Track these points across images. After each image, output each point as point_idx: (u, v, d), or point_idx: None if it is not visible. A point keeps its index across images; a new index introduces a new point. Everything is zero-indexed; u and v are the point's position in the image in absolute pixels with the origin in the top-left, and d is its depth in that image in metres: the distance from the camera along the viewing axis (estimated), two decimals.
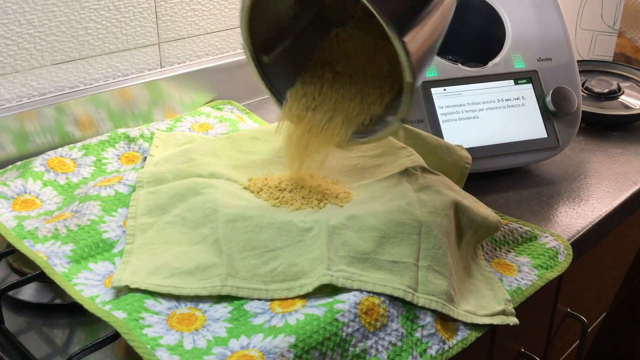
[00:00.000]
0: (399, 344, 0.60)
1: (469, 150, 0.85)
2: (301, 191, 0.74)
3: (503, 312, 0.65)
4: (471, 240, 0.72)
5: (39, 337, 0.61)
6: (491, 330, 0.66)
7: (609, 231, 0.87)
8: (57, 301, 0.65)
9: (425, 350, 0.60)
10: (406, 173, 0.76)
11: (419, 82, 0.66)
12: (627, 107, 1.09)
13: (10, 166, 0.82)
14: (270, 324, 0.58)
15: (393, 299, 0.61)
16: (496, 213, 0.76)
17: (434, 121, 0.87)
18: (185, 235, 0.68)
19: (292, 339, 0.55)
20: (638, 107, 1.09)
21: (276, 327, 0.57)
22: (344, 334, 0.57)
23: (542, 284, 0.71)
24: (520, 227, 0.78)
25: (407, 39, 0.62)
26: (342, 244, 0.65)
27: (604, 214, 0.84)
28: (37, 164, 0.81)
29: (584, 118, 0.97)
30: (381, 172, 0.80)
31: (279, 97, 0.75)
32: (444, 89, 0.89)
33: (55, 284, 0.63)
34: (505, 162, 0.90)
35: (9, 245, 0.68)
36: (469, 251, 0.71)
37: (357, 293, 0.60)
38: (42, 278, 0.64)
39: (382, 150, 0.83)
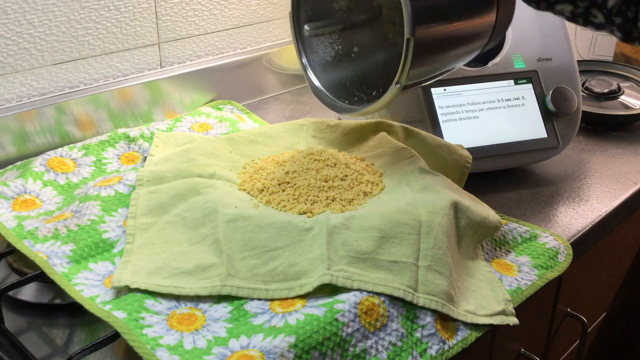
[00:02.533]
0: (399, 344, 0.60)
1: (469, 150, 0.85)
2: (303, 189, 0.74)
3: (503, 312, 0.65)
4: (471, 240, 0.72)
5: (39, 337, 0.61)
6: (491, 330, 0.66)
7: (609, 231, 0.87)
8: (57, 301, 0.65)
9: (425, 350, 0.60)
10: (406, 176, 0.76)
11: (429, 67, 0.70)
12: (627, 107, 1.09)
13: (10, 166, 0.82)
14: (270, 324, 0.58)
15: (393, 299, 0.61)
16: (496, 213, 0.75)
17: (434, 121, 0.87)
18: (185, 235, 0.68)
19: (292, 339, 0.55)
20: (638, 107, 1.09)
21: (276, 327, 0.57)
22: (344, 334, 0.57)
23: (542, 284, 0.71)
24: (520, 227, 0.78)
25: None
26: (342, 244, 0.65)
27: (604, 214, 0.84)
28: (37, 164, 0.81)
29: (584, 118, 0.97)
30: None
31: (305, 60, 0.84)
32: (444, 89, 0.89)
33: (55, 284, 0.63)
34: (505, 162, 0.90)
35: (9, 245, 0.68)
36: (469, 251, 0.71)
37: (357, 293, 0.60)
38: (42, 278, 0.64)
39: (382, 150, 0.83)
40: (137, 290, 0.61)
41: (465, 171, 0.83)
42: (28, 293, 0.65)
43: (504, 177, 0.92)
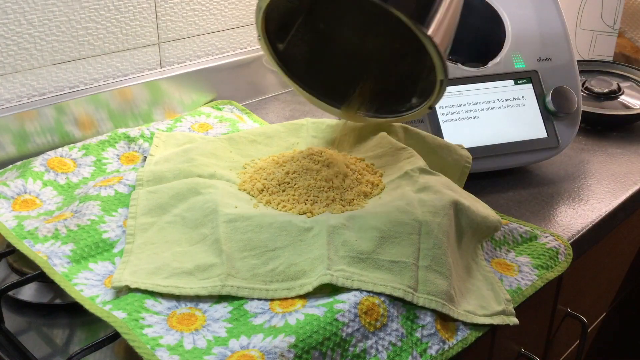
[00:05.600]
0: (399, 344, 0.60)
1: (469, 150, 0.85)
2: (304, 189, 0.74)
3: (503, 312, 0.65)
4: (471, 240, 0.72)
5: (39, 337, 0.61)
6: (491, 330, 0.65)
7: (609, 231, 0.87)
8: (57, 301, 0.65)
9: (425, 350, 0.60)
10: (406, 176, 0.76)
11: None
12: (627, 107, 1.09)
13: (10, 166, 0.82)
14: (270, 324, 0.58)
15: (393, 299, 0.61)
16: (496, 213, 0.76)
17: (434, 121, 0.87)
18: (185, 235, 0.68)
19: (292, 339, 0.55)
20: (638, 107, 1.09)
21: (276, 327, 0.57)
22: (344, 334, 0.57)
23: (542, 284, 0.71)
24: (520, 227, 0.78)
25: (431, 33, 0.63)
26: (342, 244, 0.65)
27: (604, 214, 0.84)
28: (37, 164, 0.81)
29: (584, 118, 0.97)
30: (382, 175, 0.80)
31: (297, 81, 0.81)
32: None
33: (55, 284, 0.63)
34: (505, 162, 0.90)
35: (9, 245, 0.68)
36: (469, 251, 0.71)
37: (357, 293, 0.60)
38: (42, 278, 0.64)
39: (382, 150, 0.83)
40: (137, 290, 0.61)
41: (465, 171, 0.83)
42: (28, 293, 0.65)
43: (504, 177, 0.92)
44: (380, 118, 0.82)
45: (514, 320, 0.65)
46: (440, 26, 0.64)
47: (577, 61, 0.98)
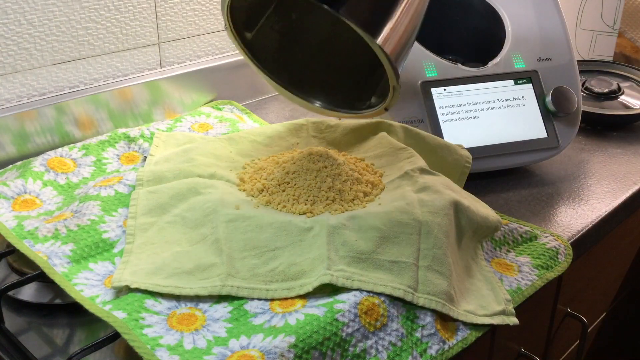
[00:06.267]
0: (399, 344, 0.60)
1: (469, 150, 0.85)
2: (303, 189, 0.74)
3: (503, 312, 0.65)
4: (471, 240, 0.72)
5: (39, 337, 0.61)
6: (491, 330, 0.66)
7: (609, 231, 0.87)
8: (57, 301, 0.65)
9: (425, 350, 0.60)
10: (406, 176, 0.76)
11: (401, 70, 0.70)
12: (627, 107, 1.09)
13: (10, 166, 0.82)
14: (270, 324, 0.58)
15: (393, 299, 0.61)
16: (496, 213, 0.76)
17: (434, 121, 0.87)
18: (185, 235, 0.68)
19: (292, 339, 0.55)
20: (638, 107, 1.09)
21: (276, 327, 0.57)
22: (344, 334, 0.57)
23: (542, 284, 0.71)
24: (520, 227, 0.78)
25: (382, 43, 0.64)
26: (342, 244, 0.65)
27: (604, 214, 0.84)
28: (37, 164, 0.81)
29: (584, 118, 0.97)
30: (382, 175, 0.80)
31: (262, 67, 0.81)
32: (444, 89, 0.89)
33: (55, 284, 0.63)
34: (505, 162, 0.90)
35: (9, 245, 0.68)
36: (469, 251, 0.71)
37: (357, 293, 0.60)
38: (42, 278, 0.64)
39: (382, 150, 0.83)
40: (137, 290, 0.61)
41: (465, 171, 0.83)
42: (28, 293, 0.65)
43: (504, 177, 0.92)
44: (338, 112, 0.81)
45: (514, 320, 0.65)
46: (393, 34, 0.64)
47: (577, 61, 0.98)
